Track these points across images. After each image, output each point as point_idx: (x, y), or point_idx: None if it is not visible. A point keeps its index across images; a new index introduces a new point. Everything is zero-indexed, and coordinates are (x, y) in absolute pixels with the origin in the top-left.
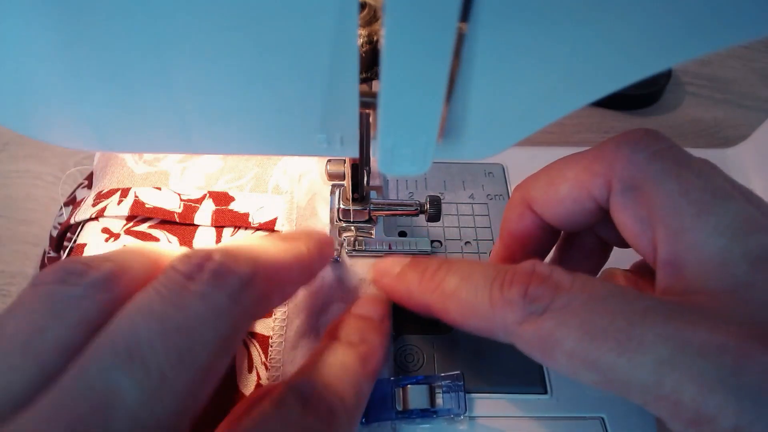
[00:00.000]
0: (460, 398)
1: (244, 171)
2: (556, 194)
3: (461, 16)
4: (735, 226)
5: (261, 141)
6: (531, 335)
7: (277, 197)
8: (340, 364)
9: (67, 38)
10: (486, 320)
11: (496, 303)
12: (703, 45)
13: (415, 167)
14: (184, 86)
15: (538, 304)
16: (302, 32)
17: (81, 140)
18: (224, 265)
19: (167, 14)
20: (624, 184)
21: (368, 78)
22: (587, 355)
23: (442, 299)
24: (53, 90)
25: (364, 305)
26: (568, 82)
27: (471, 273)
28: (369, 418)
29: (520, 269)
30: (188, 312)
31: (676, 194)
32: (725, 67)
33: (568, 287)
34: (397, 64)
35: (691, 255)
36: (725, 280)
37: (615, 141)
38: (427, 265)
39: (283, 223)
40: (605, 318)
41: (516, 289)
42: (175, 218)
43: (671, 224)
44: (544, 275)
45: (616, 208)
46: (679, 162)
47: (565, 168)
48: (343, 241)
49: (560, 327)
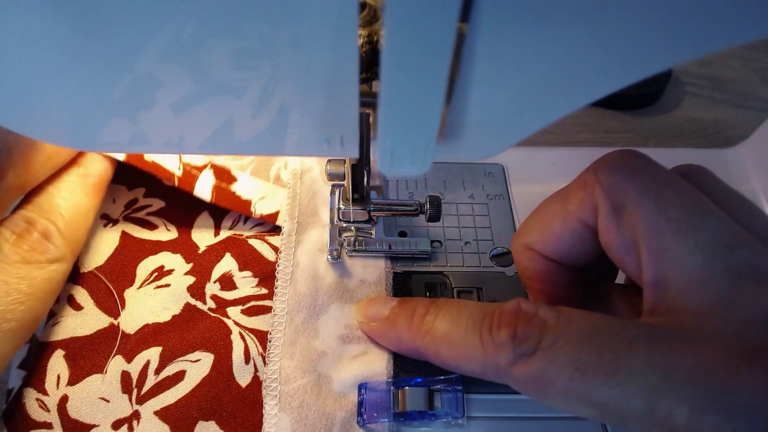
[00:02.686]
0: (458, 400)
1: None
2: (551, 231)
3: (461, 16)
4: (715, 243)
5: (261, 141)
6: (523, 376)
7: (280, 189)
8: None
9: (66, 36)
10: (478, 364)
11: (487, 347)
12: (703, 45)
13: (415, 168)
14: (183, 86)
15: (526, 345)
16: (302, 32)
17: (82, 139)
18: None
19: (168, 14)
20: (607, 208)
21: (368, 78)
22: (580, 392)
23: (434, 345)
24: (50, 89)
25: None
26: (568, 83)
27: (459, 317)
28: (367, 420)
29: (506, 309)
30: None
31: (655, 213)
32: (725, 67)
33: (554, 324)
34: (397, 64)
35: (673, 274)
36: (708, 298)
37: (593, 165)
38: (415, 308)
39: (284, 218)
40: (593, 353)
41: (504, 331)
42: (174, 181)
43: (653, 243)
44: (530, 314)
45: (602, 231)
46: (657, 179)
47: (552, 204)
48: (343, 241)
49: (551, 366)
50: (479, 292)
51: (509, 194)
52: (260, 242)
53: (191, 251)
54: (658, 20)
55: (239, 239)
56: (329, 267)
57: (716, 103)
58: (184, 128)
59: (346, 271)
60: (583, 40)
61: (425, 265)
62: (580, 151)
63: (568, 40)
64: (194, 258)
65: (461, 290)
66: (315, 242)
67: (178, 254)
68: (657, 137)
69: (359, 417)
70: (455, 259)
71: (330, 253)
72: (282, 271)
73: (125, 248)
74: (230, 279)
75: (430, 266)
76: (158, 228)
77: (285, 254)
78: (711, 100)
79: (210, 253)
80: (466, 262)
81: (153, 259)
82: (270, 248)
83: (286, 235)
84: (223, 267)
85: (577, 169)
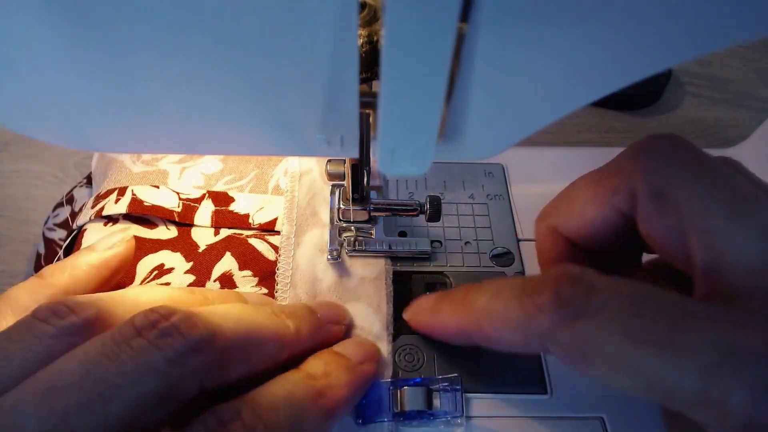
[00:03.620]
0: (457, 400)
1: (244, 173)
2: (582, 216)
3: (461, 16)
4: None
5: (261, 141)
6: (567, 340)
7: (277, 198)
8: (288, 390)
9: (65, 36)
10: (520, 330)
11: (528, 310)
12: (703, 45)
13: (415, 168)
14: (183, 86)
15: (572, 307)
16: (302, 32)
17: (82, 139)
18: (175, 326)
19: (168, 13)
20: (649, 194)
21: (368, 78)
22: (629, 361)
23: (476, 318)
24: (49, 88)
25: (346, 344)
26: (568, 82)
27: (500, 288)
28: (365, 420)
29: (550, 273)
30: (117, 365)
31: (704, 199)
32: (725, 67)
33: (604, 287)
34: (397, 64)
35: (728, 260)
36: (766, 283)
37: (631, 151)
38: (456, 292)
39: (283, 222)
40: (647, 321)
41: (547, 292)
42: (175, 217)
43: (704, 230)
44: (575, 277)
45: (643, 218)
46: (703, 165)
47: (583, 188)
48: (343, 241)
49: (599, 331)
50: None
51: (509, 194)
52: (260, 241)
53: (191, 250)
54: (658, 20)
55: (239, 238)
56: (329, 268)
57: (716, 103)
58: (184, 128)
59: (346, 272)
60: (583, 40)
61: (425, 265)
62: (580, 151)
63: (568, 40)
64: (194, 257)
65: None
66: (314, 243)
67: (178, 253)
68: None
69: (358, 417)
70: (455, 259)
71: (330, 253)
72: (282, 274)
73: None
74: (230, 278)
75: (430, 266)
76: (158, 227)
77: (284, 256)
78: (711, 100)
79: (210, 252)
80: (466, 262)
81: (153, 258)
82: (270, 248)
83: (285, 237)
84: (224, 266)
85: (577, 169)
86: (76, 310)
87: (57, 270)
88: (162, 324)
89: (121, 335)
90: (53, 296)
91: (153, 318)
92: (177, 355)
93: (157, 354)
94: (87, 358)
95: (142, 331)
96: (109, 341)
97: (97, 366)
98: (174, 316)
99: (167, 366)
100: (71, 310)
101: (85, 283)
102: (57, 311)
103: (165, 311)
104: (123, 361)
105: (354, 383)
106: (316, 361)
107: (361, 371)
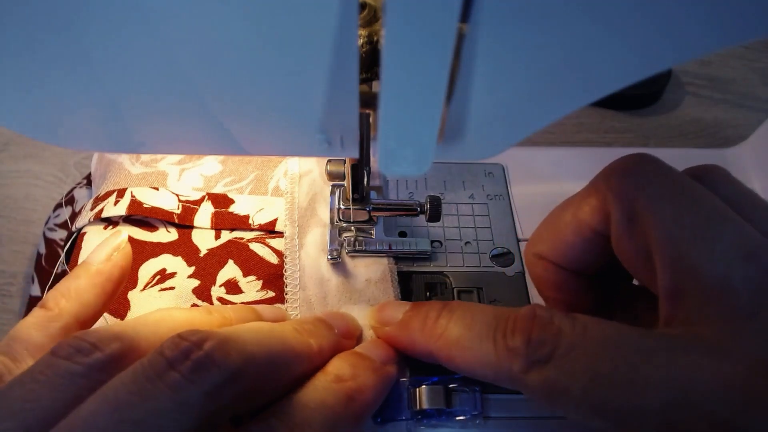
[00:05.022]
0: (476, 399)
1: (243, 174)
2: (563, 241)
3: (461, 16)
4: (733, 252)
5: (261, 141)
6: (537, 384)
7: (276, 199)
8: (319, 400)
9: (65, 36)
10: (491, 369)
11: (500, 352)
12: (703, 45)
13: (415, 168)
14: (182, 86)
15: (541, 352)
16: (302, 32)
17: (82, 139)
18: (210, 357)
19: (166, 13)
20: (620, 216)
21: (368, 78)
22: (595, 403)
23: (447, 349)
24: (49, 88)
25: (368, 346)
26: (567, 83)
27: (473, 321)
28: (384, 418)
29: (521, 315)
30: (153, 404)
31: (669, 220)
32: (725, 67)
33: (570, 332)
34: (397, 64)
35: (690, 284)
36: (726, 310)
37: (605, 172)
38: (428, 312)
39: (285, 223)
40: (609, 364)
41: (519, 337)
42: (174, 219)
43: (667, 252)
44: (545, 321)
45: (615, 239)
46: (671, 185)
47: (563, 213)
48: (343, 241)
49: (566, 375)
50: (479, 292)
51: (509, 194)
52: (261, 246)
53: (192, 254)
54: (658, 20)
55: (240, 243)
56: (334, 269)
57: (716, 103)
58: (183, 128)
59: (350, 272)
60: (583, 40)
61: (425, 265)
62: (580, 151)
63: (568, 40)
64: (196, 261)
65: (461, 290)
66: (317, 243)
67: (179, 257)
68: (657, 137)
69: (377, 416)
70: (455, 259)
71: (330, 253)
72: (290, 276)
73: None
74: (235, 284)
75: (430, 266)
76: (158, 230)
77: (290, 259)
78: (711, 100)
79: (212, 257)
80: (466, 262)
81: (154, 262)
82: (271, 252)
83: (288, 239)
84: (227, 273)
85: (577, 169)
86: (100, 346)
87: (61, 297)
88: (195, 355)
89: (152, 369)
90: (65, 327)
91: (184, 347)
92: (214, 388)
93: (193, 390)
94: (118, 399)
95: (174, 364)
96: (140, 377)
97: (131, 408)
98: (206, 344)
99: (204, 399)
100: (95, 347)
101: (93, 304)
102: (80, 348)
103: (196, 338)
104: (158, 399)
105: (380, 385)
106: (342, 363)
107: (386, 372)
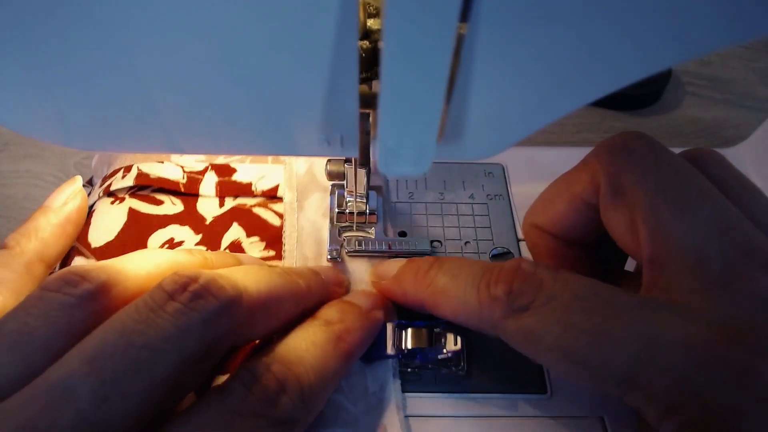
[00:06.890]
0: (457, 338)
1: None
2: (556, 211)
3: (461, 16)
4: (711, 226)
5: (261, 141)
6: (515, 330)
7: (277, 166)
8: (309, 340)
9: (65, 36)
10: (474, 316)
11: (483, 300)
12: (703, 45)
13: (415, 167)
14: (182, 86)
15: (521, 301)
16: (302, 32)
17: (82, 139)
18: (206, 288)
19: (167, 13)
20: (607, 188)
21: (368, 78)
22: (566, 351)
23: (434, 296)
24: (48, 88)
25: (355, 294)
26: (568, 82)
27: (460, 271)
28: (370, 357)
29: (506, 267)
30: (157, 330)
31: (653, 194)
32: (725, 67)
33: (551, 285)
34: (397, 64)
35: (669, 254)
36: (700, 279)
37: (596, 147)
38: (420, 265)
39: (284, 189)
40: (582, 315)
41: (501, 286)
42: (180, 188)
43: (650, 224)
44: (528, 273)
45: (603, 210)
46: (657, 161)
47: (557, 185)
48: (343, 241)
49: (541, 324)
50: None
51: (509, 194)
52: (264, 210)
53: (199, 223)
54: (659, 20)
55: (244, 209)
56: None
57: (716, 103)
58: (184, 128)
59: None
60: (583, 40)
61: None
62: (580, 151)
63: (568, 39)
64: (202, 229)
65: None
66: (317, 207)
67: (186, 226)
68: (657, 137)
69: (364, 357)
70: None
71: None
72: (288, 236)
73: (135, 223)
74: (239, 245)
75: None
76: (164, 203)
77: (289, 219)
78: (711, 100)
79: (217, 223)
80: None
81: (162, 232)
82: (275, 215)
83: (288, 203)
84: (232, 235)
85: None
86: (88, 278)
87: (22, 237)
88: (193, 286)
89: (154, 301)
90: (28, 264)
91: (182, 281)
92: (212, 315)
93: (194, 316)
94: (124, 327)
95: (174, 295)
96: (143, 308)
97: (137, 334)
98: (202, 278)
99: (204, 327)
100: (83, 278)
101: (53, 243)
102: (69, 281)
103: (193, 274)
104: (162, 326)
105: (367, 328)
106: (330, 309)
107: (373, 316)
